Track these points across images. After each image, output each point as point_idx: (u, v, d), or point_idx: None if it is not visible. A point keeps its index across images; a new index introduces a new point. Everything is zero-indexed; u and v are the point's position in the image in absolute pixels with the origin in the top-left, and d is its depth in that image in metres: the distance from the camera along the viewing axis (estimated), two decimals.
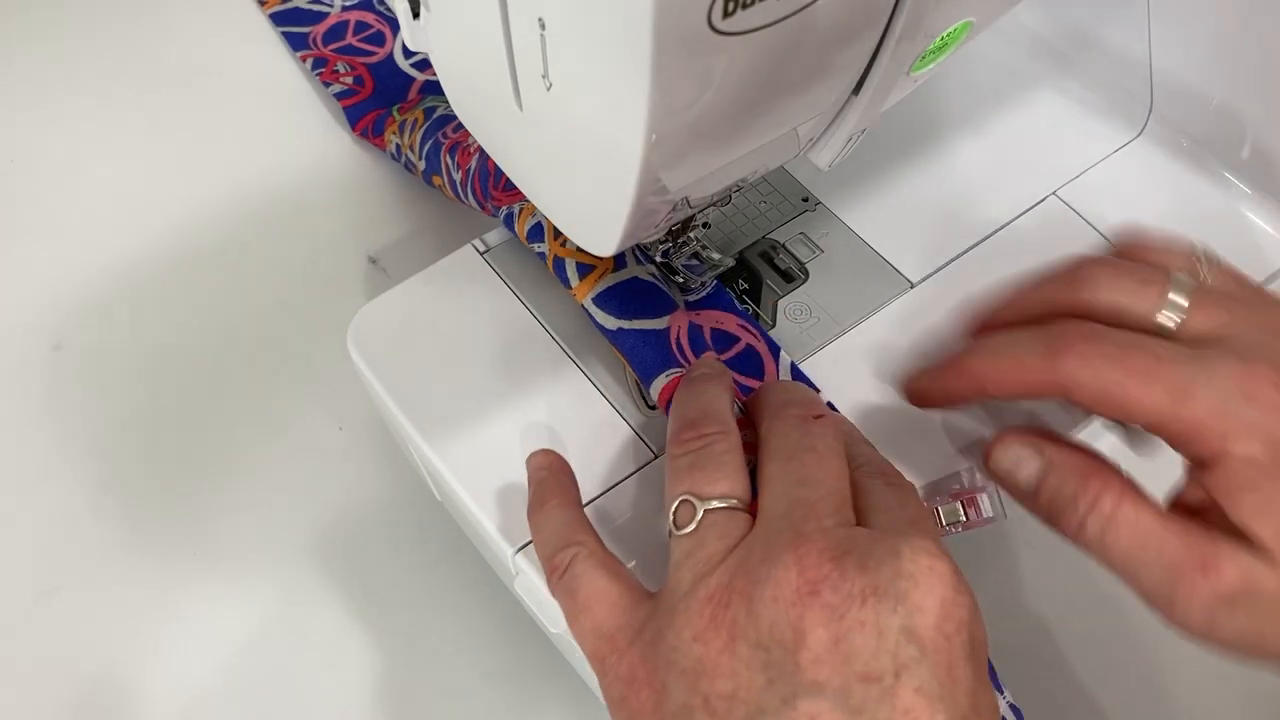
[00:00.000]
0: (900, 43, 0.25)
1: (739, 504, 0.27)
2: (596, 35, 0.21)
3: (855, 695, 0.23)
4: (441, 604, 0.40)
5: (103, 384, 0.44)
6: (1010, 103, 0.44)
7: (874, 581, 0.23)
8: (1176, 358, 0.27)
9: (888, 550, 0.24)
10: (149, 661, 0.38)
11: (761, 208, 0.40)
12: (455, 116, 0.44)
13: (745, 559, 0.25)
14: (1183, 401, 0.26)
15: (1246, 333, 0.28)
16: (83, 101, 0.53)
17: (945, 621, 0.23)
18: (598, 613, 0.27)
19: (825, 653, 0.23)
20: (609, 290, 0.35)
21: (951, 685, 0.23)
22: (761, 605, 0.24)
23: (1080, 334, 0.28)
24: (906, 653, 0.23)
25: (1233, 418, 0.26)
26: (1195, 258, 0.31)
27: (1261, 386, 0.26)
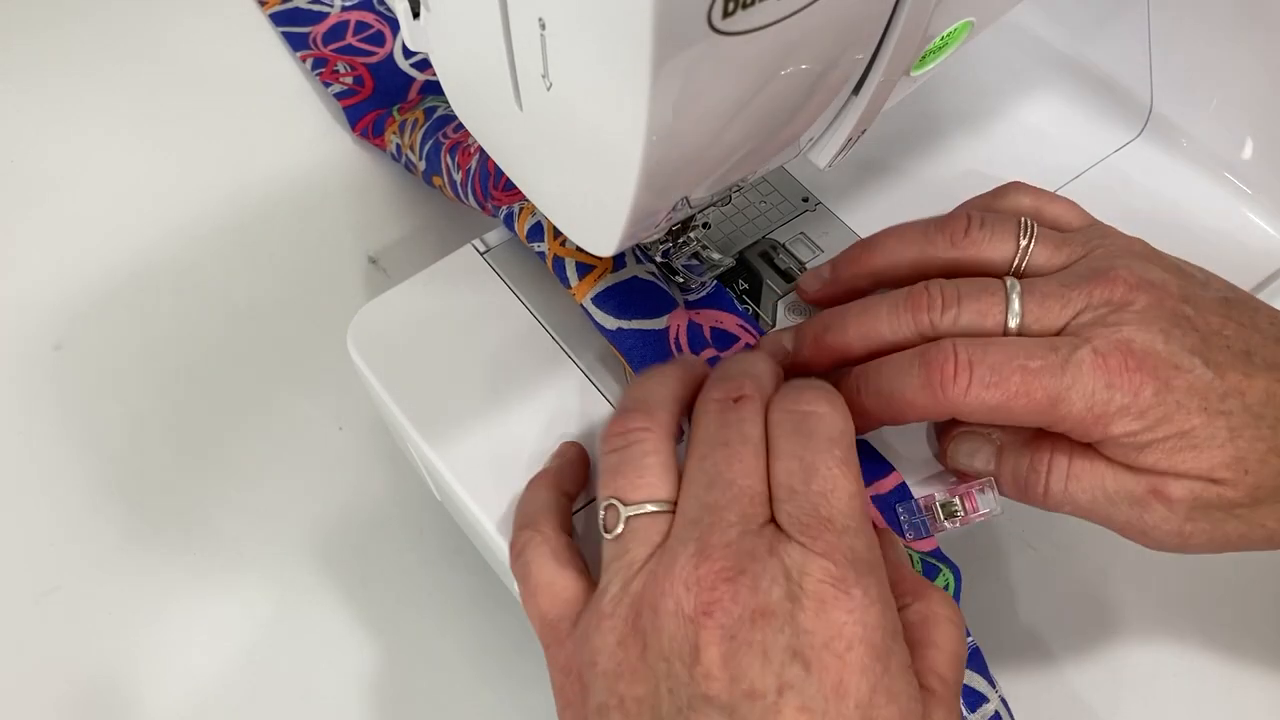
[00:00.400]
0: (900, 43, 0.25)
1: (660, 507, 0.28)
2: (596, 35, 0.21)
3: (740, 710, 0.24)
4: (441, 603, 0.40)
5: (103, 384, 0.44)
6: (1010, 103, 0.44)
7: (764, 603, 0.25)
8: (1046, 368, 0.29)
9: (779, 569, 0.25)
10: (149, 661, 0.38)
11: (761, 208, 0.40)
12: (455, 116, 0.44)
13: (655, 570, 0.26)
14: (1059, 406, 0.29)
15: (1087, 316, 0.30)
16: (83, 102, 0.53)
17: (834, 640, 0.24)
18: (543, 601, 0.28)
19: (716, 669, 0.24)
20: (608, 290, 0.35)
21: (839, 700, 0.24)
22: (664, 619, 0.25)
23: (955, 364, 0.29)
24: (791, 672, 0.24)
25: (1103, 406, 0.29)
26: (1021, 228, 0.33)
27: (1118, 372, 0.29)
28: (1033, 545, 0.40)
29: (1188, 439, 0.29)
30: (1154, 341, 0.29)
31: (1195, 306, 0.30)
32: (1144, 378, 0.29)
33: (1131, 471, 0.30)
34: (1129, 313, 0.30)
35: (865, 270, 0.34)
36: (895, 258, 0.34)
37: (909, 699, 0.25)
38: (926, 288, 0.32)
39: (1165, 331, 0.29)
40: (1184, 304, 0.30)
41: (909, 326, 0.31)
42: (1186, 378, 0.29)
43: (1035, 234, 0.33)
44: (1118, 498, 0.30)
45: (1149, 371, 0.29)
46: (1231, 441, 0.29)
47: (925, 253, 0.33)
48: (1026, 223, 0.33)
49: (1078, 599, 0.39)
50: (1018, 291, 0.31)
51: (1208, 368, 0.29)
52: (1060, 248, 0.33)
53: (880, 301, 0.32)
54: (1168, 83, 0.42)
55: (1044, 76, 0.45)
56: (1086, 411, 0.29)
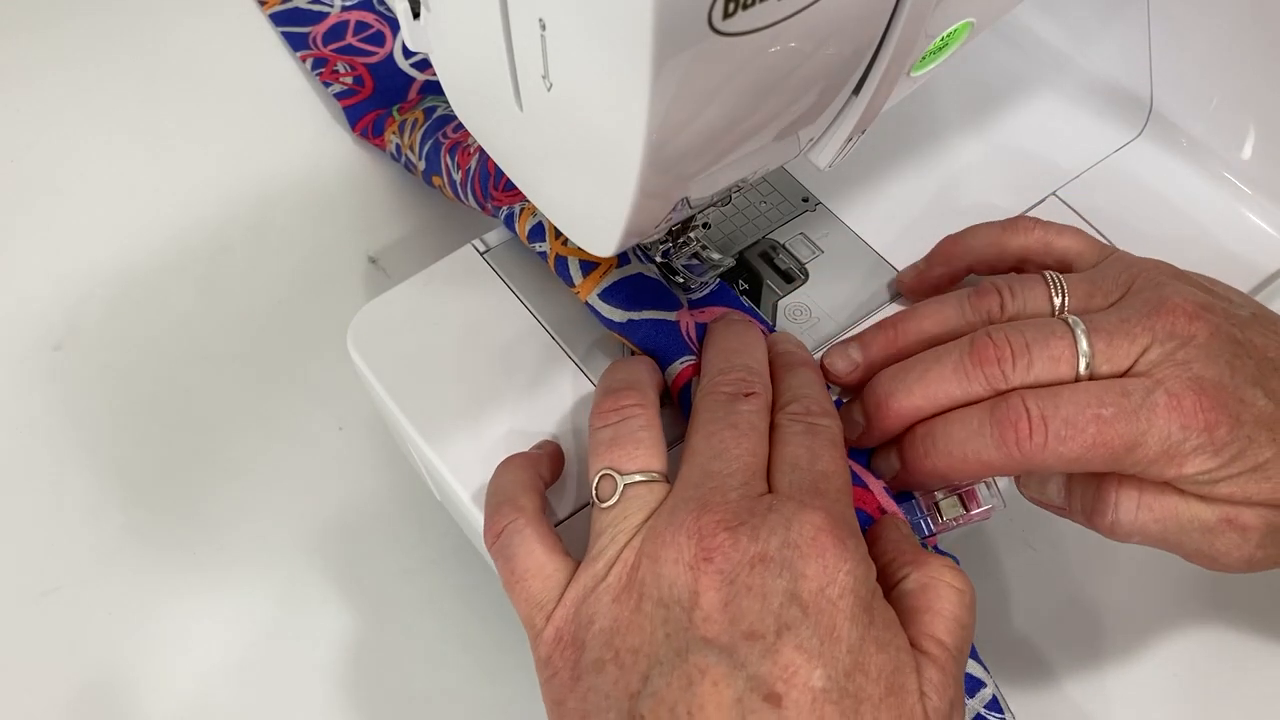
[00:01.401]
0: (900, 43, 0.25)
1: (657, 476, 0.29)
2: (597, 36, 0.21)
3: (740, 651, 0.25)
4: (441, 603, 0.40)
5: (103, 384, 0.44)
6: (1010, 103, 0.44)
7: (763, 550, 0.26)
8: (1120, 414, 0.29)
9: (779, 520, 0.26)
10: (149, 661, 0.38)
11: (761, 208, 0.40)
12: (455, 116, 0.44)
13: (655, 525, 0.27)
14: (1134, 452, 0.29)
15: (1155, 353, 0.30)
16: (83, 102, 0.53)
17: (829, 586, 0.25)
18: (533, 586, 0.29)
19: (716, 613, 0.25)
20: (616, 285, 0.35)
21: (833, 643, 0.25)
22: (664, 567, 0.26)
23: (1029, 420, 0.30)
24: (789, 614, 0.25)
25: (1178, 446, 0.29)
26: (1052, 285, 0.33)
27: (1191, 413, 0.29)
28: (1033, 545, 0.40)
29: (1262, 471, 0.29)
30: (1222, 376, 0.29)
31: (1242, 329, 0.31)
32: (1218, 416, 0.29)
33: (1204, 501, 0.30)
34: (1194, 348, 0.30)
35: (903, 355, 0.34)
36: (934, 341, 0.33)
37: (898, 651, 0.26)
38: (990, 336, 0.31)
39: (1230, 364, 0.30)
40: (1234, 328, 0.30)
41: (980, 384, 0.31)
42: (1253, 410, 0.29)
43: (1066, 289, 0.32)
44: (1190, 526, 0.30)
45: (1222, 409, 0.29)
46: None
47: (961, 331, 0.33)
48: (1053, 279, 0.33)
49: (1077, 599, 0.39)
50: (1083, 329, 0.30)
51: (1269, 399, 0.30)
52: (1094, 292, 0.32)
53: (944, 358, 0.32)
54: (1168, 83, 0.42)
55: (1044, 76, 0.45)
56: (1161, 454, 0.29)
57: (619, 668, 0.26)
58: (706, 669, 0.25)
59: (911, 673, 0.26)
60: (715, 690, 0.24)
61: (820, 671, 0.24)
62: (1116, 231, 0.39)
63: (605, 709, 0.26)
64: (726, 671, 0.25)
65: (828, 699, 0.24)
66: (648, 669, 0.25)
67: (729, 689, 0.24)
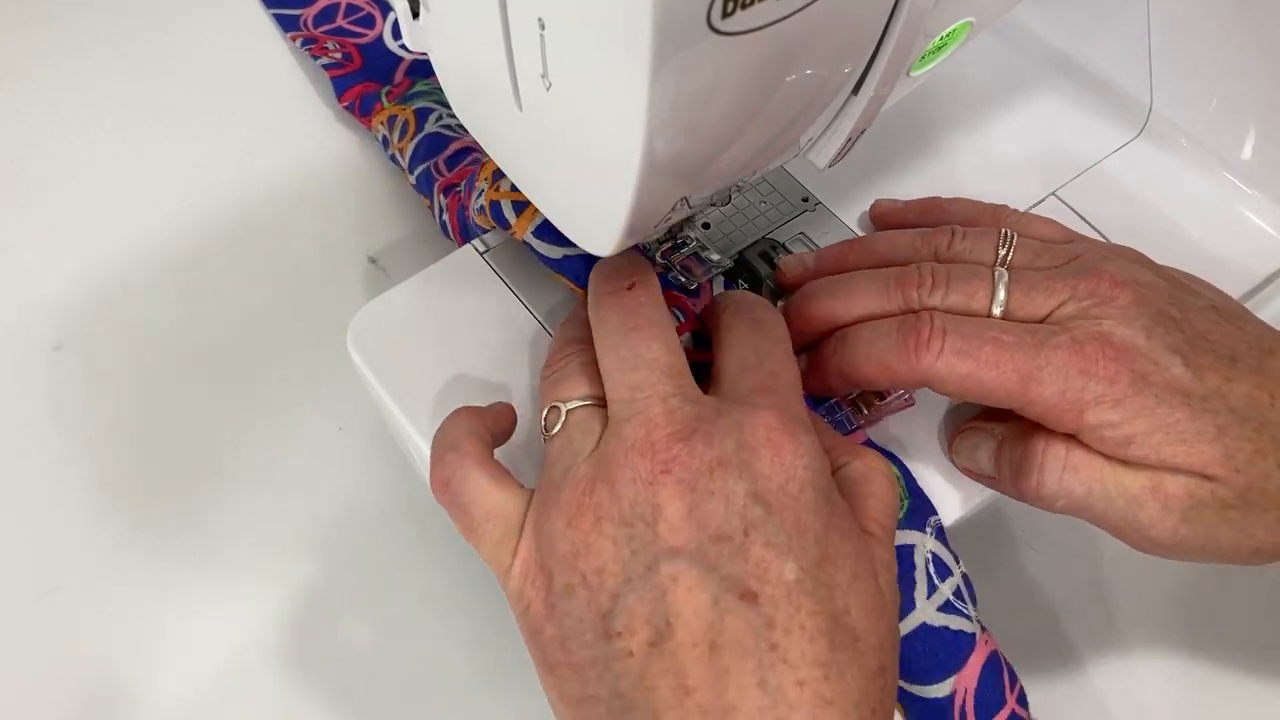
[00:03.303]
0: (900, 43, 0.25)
1: (600, 401, 0.29)
2: (596, 35, 0.21)
3: (710, 554, 0.25)
4: (440, 604, 0.40)
5: (103, 384, 0.44)
6: (1010, 103, 0.44)
7: (719, 454, 0.26)
8: (1021, 345, 0.30)
9: (731, 424, 0.27)
10: (149, 661, 0.38)
11: (761, 208, 0.40)
12: (447, 134, 0.44)
13: (604, 451, 0.27)
14: (1031, 386, 0.29)
15: (1070, 307, 0.31)
16: (82, 102, 0.53)
17: (789, 483, 0.26)
18: (491, 528, 0.28)
19: (681, 521, 0.25)
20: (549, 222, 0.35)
21: (800, 536, 0.25)
22: (621, 488, 0.26)
23: (931, 331, 0.30)
24: (754, 513, 0.25)
25: (1077, 393, 0.29)
26: (1001, 239, 0.33)
27: (1094, 361, 0.29)
28: (1032, 545, 0.40)
29: (1175, 432, 0.29)
30: (1135, 337, 0.29)
31: (1182, 309, 0.31)
32: (1119, 368, 0.29)
33: (1129, 467, 0.30)
34: (1112, 308, 0.30)
35: (849, 269, 0.35)
36: (880, 262, 0.35)
37: (858, 537, 0.27)
38: (919, 268, 0.32)
39: (1147, 329, 0.30)
40: (1170, 305, 0.31)
41: (896, 301, 0.32)
42: (1165, 375, 0.29)
43: (1014, 243, 0.33)
44: (1115, 493, 0.30)
45: (1125, 363, 0.29)
46: (1220, 439, 0.29)
47: (910, 260, 0.34)
48: (1007, 233, 0.33)
49: (1077, 600, 0.39)
50: (1005, 281, 0.31)
51: (1187, 368, 0.29)
52: (1040, 254, 0.33)
53: (872, 277, 0.33)
54: (1168, 83, 0.42)
55: (1044, 76, 0.45)
56: (1060, 396, 0.29)
57: (588, 590, 0.26)
58: (678, 576, 0.25)
59: (868, 556, 0.27)
60: (690, 595, 0.25)
61: (791, 564, 0.25)
62: (1116, 231, 0.39)
63: (581, 631, 0.26)
64: (700, 575, 0.25)
65: (801, 589, 0.25)
66: (617, 587, 0.25)
67: (704, 592, 0.25)
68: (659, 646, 0.25)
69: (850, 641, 0.25)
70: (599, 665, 0.25)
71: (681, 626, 0.24)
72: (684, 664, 0.24)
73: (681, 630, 0.24)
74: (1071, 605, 0.39)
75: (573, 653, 0.26)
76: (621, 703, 0.25)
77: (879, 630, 0.26)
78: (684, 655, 0.24)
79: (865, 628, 0.25)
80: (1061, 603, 0.39)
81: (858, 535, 0.27)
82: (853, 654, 0.25)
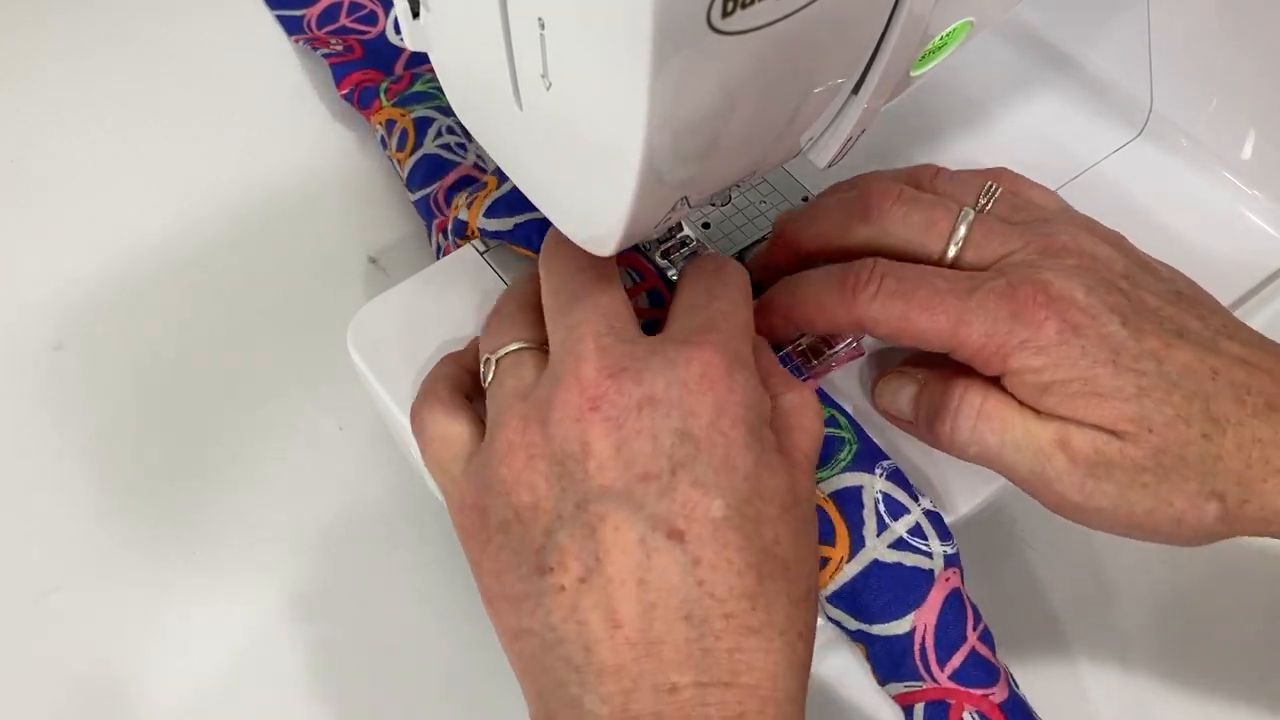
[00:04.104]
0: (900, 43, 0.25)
1: (529, 344, 0.30)
2: (596, 35, 0.21)
3: (637, 494, 0.25)
4: (441, 603, 0.40)
5: (103, 384, 0.44)
6: (1010, 103, 0.44)
7: (649, 392, 0.26)
8: (955, 289, 0.30)
9: (664, 361, 0.27)
10: (149, 661, 0.38)
11: (762, 207, 0.40)
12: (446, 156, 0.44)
13: (538, 389, 0.28)
14: (960, 328, 0.29)
15: (1017, 256, 0.31)
16: (82, 102, 0.53)
17: (720, 419, 0.26)
18: (439, 450, 0.30)
19: (609, 460, 0.26)
20: (496, 202, 0.37)
21: (728, 473, 0.26)
22: (552, 426, 0.26)
23: (870, 274, 0.31)
24: (683, 451, 0.26)
25: (1004, 336, 0.29)
26: (983, 188, 0.34)
27: (1024, 304, 0.29)
28: (1032, 546, 0.40)
29: (1091, 385, 0.28)
30: (1073, 290, 0.29)
31: (1134, 285, 0.30)
32: (1049, 314, 0.29)
33: (1039, 418, 0.29)
34: (1054, 263, 0.30)
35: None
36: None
37: (786, 470, 0.27)
38: (889, 188, 0.33)
39: (1088, 287, 0.29)
40: (1122, 279, 0.30)
41: (860, 222, 0.33)
42: (1099, 329, 0.29)
43: (996, 196, 0.33)
44: (1024, 444, 0.30)
45: (1056, 311, 0.29)
46: (1138, 399, 0.28)
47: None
48: (992, 186, 0.33)
49: (1077, 600, 0.39)
50: (969, 220, 0.32)
51: (1124, 327, 0.29)
52: (1018, 210, 0.33)
53: (842, 199, 0.34)
54: (1168, 83, 0.42)
55: (1044, 76, 0.45)
56: (987, 338, 0.29)
57: (521, 525, 0.26)
58: (606, 515, 0.25)
59: (795, 486, 0.27)
60: (618, 534, 0.25)
61: (719, 502, 0.25)
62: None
63: (515, 565, 0.27)
64: (627, 515, 0.25)
65: (729, 525, 0.25)
66: (550, 524, 0.26)
67: (631, 531, 0.25)
68: (588, 582, 0.25)
69: (781, 571, 0.26)
70: (532, 599, 0.26)
71: (610, 563, 0.25)
72: (613, 599, 0.25)
73: (610, 567, 0.25)
74: (1071, 605, 0.39)
75: (508, 586, 0.27)
76: (554, 635, 0.26)
77: (807, 557, 0.27)
78: (613, 591, 0.25)
79: (794, 556, 0.26)
80: (1061, 603, 0.39)
81: (787, 468, 0.27)
82: (783, 583, 0.26)
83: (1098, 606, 0.39)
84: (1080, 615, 0.39)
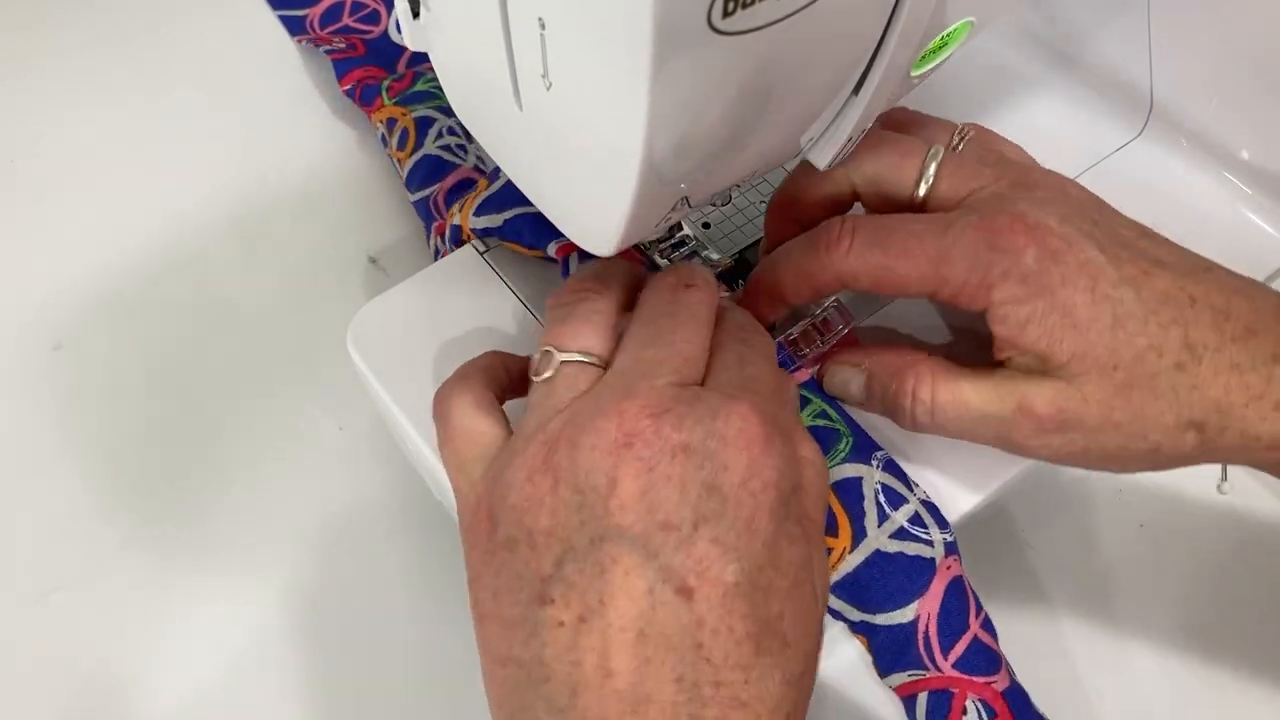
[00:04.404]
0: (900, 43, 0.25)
1: (595, 360, 0.28)
2: (596, 35, 0.21)
3: (654, 541, 0.24)
4: (441, 603, 0.40)
5: (103, 384, 0.44)
6: (1010, 103, 0.44)
7: (686, 439, 0.25)
8: (930, 230, 0.29)
9: (706, 410, 0.26)
10: (149, 661, 0.38)
11: (761, 208, 0.40)
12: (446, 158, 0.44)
13: (579, 409, 0.26)
14: (941, 267, 0.29)
15: (988, 190, 0.31)
16: (83, 101, 0.53)
17: (751, 479, 0.25)
18: (460, 443, 0.29)
19: (632, 501, 0.25)
20: (485, 201, 0.37)
21: (750, 537, 0.25)
22: (582, 453, 0.25)
23: (841, 229, 0.31)
24: (708, 505, 0.25)
25: (986, 268, 0.29)
26: (956, 130, 0.33)
27: (1002, 234, 0.29)
28: (1032, 545, 0.40)
29: (1070, 317, 0.28)
30: (1048, 218, 0.29)
31: (1107, 218, 0.30)
32: (1029, 241, 0.28)
33: (994, 387, 0.29)
34: (1029, 194, 0.30)
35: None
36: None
37: (804, 543, 0.26)
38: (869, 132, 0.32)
39: (1062, 216, 0.29)
40: (1095, 211, 0.30)
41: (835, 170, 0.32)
42: (1078, 255, 0.28)
43: (968, 138, 0.33)
44: (983, 420, 0.30)
45: (1036, 238, 0.28)
46: (1113, 329, 0.28)
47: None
48: (965, 128, 0.33)
49: (1076, 600, 0.39)
50: (939, 159, 0.31)
51: (1102, 254, 0.29)
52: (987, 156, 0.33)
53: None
54: (1168, 83, 0.42)
55: (1044, 76, 0.45)
56: (969, 272, 0.29)
57: (531, 548, 0.25)
58: (619, 557, 0.24)
59: (810, 561, 0.26)
60: (627, 579, 0.24)
61: (734, 566, 0.24)
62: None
63: (517, 588, 0.26)
64: (639, 561, 0.24)
65: (739, 592, 0.24)
66: (561, 553, 0.25)
67: (640, 579, 0.24)
68: (589, 623, 0.24)
69: (779, 647, 0.25)
70: (527, 628, 0.25)
71: (614, 609, 0.24)
72: (610, 646, 0.24)
73: (613, 612, 0.24)
74: (1071, 605, 0.39)
75: (504, 608, 0.26)
76: (542, 671, 0.25)
77: (809, 635, 0.26)
78: (612, 637, 0.24)
79: (796, 634, 0.25)
80: (1061, 602, 0.39)
81: (803, 541, 0.26)
82: (779, 659, 0.25)
83: (1097, 605, 0.39)
84: (1080, 614, 0.39)
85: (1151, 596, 0.39)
